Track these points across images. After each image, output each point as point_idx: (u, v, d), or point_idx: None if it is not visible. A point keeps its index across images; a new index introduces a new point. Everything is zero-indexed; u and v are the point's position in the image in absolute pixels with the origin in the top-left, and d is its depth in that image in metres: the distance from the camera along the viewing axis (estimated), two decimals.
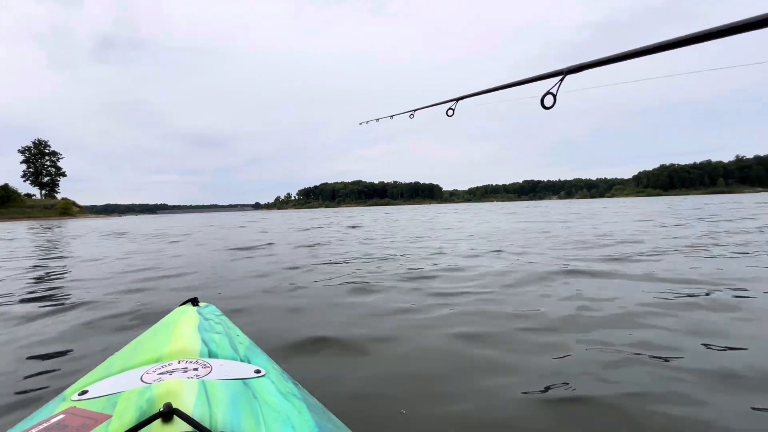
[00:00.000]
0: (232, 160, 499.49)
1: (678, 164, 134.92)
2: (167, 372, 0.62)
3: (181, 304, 1.07)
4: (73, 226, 20.63)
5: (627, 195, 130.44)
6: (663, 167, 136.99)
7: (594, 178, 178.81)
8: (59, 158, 71.82)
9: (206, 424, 0.46)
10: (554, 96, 0.95)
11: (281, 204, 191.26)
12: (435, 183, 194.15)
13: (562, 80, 0.95)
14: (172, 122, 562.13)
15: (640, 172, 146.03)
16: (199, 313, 0.97)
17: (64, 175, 73.04)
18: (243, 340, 0.86)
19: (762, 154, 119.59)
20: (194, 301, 1.09)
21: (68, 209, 61.37)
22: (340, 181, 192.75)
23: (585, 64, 0.94)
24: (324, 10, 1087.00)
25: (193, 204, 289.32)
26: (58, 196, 69.70)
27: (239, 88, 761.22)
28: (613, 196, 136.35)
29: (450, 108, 1.46)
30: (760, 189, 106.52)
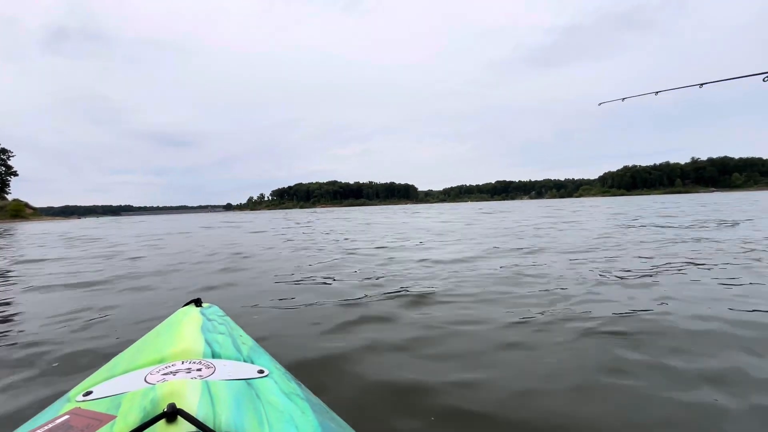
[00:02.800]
0: (201, 159, 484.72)
1: (639, 165, 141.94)
2: (171, 372, 0.62)
3: (185, 305, 1.06)
4: (17, 230, 18.43)
5: (594, 195, 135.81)
6: (626, 168, 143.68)
7: (562, 178, 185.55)
8: (10, 156, 66.72)
9: (210, 424, 0.46)
10: None
11: (254, 205, 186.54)
12: (410, 183, 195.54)
13: None
14: (134, 119, 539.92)
15: (605, 173, 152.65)
16: (203, 314, 0.97)
17: (15, 174, 67.90)
18: (246, 341, 0.86)
19: (715, 156, 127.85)
20: (197, 302, 1.07)
21: (20, 211, 56.98)
22: (314, 181, 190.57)
23: None
24: (295, 6, 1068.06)
25: (160, 205, 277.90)
26: (9, 197, 64.75)
27: (207, 85, 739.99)
28: (580, 195, 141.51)
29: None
30: (713, 189, 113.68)
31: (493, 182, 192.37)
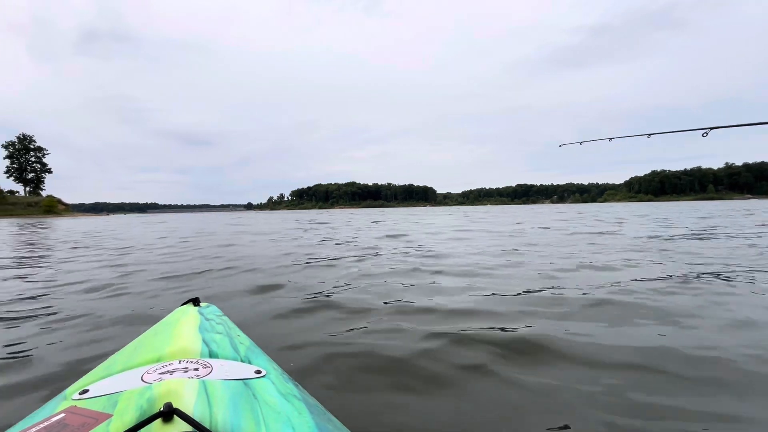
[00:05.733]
0: (223, 159, 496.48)
1: (669, 170, 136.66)
2: (168, 372, 0.62)
3: (183, 304, 1.06)
4: (43, 226, 18.73)
5: (619, 200, 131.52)
6: (654, 173, 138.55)
7: (586, 182, 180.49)
8: (45, 154, 69.81)
9: (206, 424, 0.46)
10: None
11: (274, 205, 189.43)
12: (429, 185, 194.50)
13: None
14: (159, 119, 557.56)
15: (631, 178, 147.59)
16: (200, 313, 0.96)
17: (49, 171, 70.96)
18: (244, 341, 0.86)
19: (751, 162, 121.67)
20: (195, 301, 1.07)
21: (53, 207, 59.43)
22: (333, 182, 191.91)
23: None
24: (315, 8, 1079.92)
25: (184, 203, 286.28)
26: (44, 194, 67.67)
27: (228, 86, 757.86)
28: (605, 200, 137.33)
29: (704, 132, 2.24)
30: (749, 196, 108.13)
31: (513, 185, 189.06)
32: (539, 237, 6.52)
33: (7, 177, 66.63)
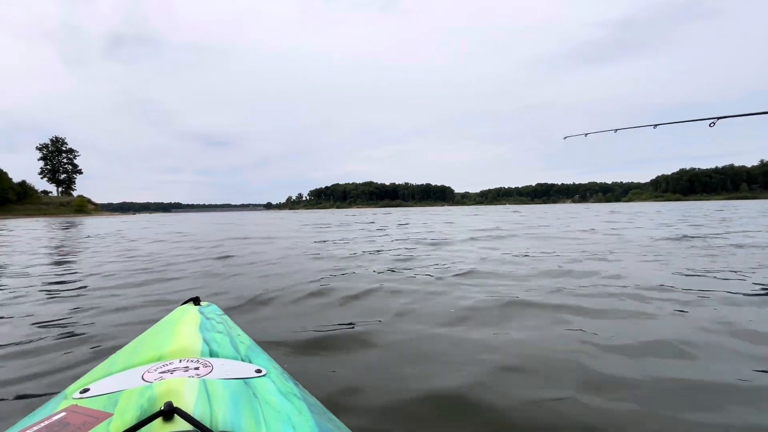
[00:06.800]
0: (243, 159, 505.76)
1: (699, 168, 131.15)
2: (168, 371, 0.62)
3: (183, 303, 1.06)
4: (70, 225, 19.32)
5: (645, 199, 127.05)
6: (683, 171, 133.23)
7: (609, 181, 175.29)
8: (76, 156, 72.79)
9: (207, 423, 0.46)
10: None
11: (292, 204, 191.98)
12: (446, 185, 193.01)
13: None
14: (182, 121, 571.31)
15: (658, 176, 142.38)
16: (201, 313, 0.96)
17: (80, 172, 73.93)
18: (244, 340, 0.87)
19: None
20: (196, 301, 1.07)
21: (83, 207, 61.84)
22: (351, 182, 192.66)
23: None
24: (331, 7, 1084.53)
25: (206, 203, 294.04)
26: (75, 194, 70.51)
27: (246, 87, 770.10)
28: (629, 200, 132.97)
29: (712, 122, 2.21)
30: None
31: (533, 184, 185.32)
32: None
33: (41, 178, 69.90)
